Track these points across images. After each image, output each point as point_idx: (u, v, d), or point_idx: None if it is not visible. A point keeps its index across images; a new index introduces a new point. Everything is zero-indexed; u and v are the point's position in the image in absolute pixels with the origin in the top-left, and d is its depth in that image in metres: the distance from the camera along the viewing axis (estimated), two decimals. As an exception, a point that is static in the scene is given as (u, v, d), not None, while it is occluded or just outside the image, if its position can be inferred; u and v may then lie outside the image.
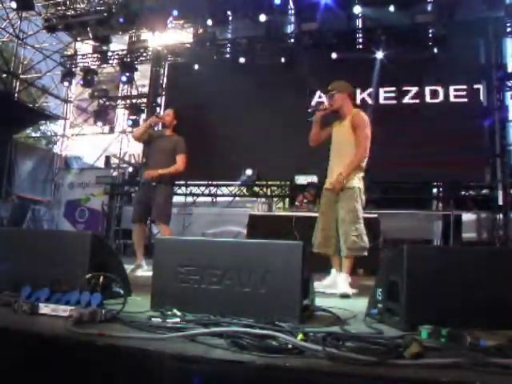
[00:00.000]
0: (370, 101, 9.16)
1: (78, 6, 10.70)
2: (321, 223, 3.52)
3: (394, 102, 9.20)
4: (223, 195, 10.34)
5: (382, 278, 2.14)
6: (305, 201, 7.15)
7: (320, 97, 9.18)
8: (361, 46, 9.75)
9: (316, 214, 6.01)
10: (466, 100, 8.68)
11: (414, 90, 9.04)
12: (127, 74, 11.36)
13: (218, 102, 10.04)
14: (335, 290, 3.23)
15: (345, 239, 3.27)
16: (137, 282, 2.74)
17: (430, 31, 9.12)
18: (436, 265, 1.92)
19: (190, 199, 10.57)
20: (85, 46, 12.64)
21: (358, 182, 3.38)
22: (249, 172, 9.45)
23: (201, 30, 10.70)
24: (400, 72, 8.91)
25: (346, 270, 3.33)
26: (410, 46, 8.98)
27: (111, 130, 13.24)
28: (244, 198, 10.43)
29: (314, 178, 8.56)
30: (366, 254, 3.36)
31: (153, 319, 1.74)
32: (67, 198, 11.35)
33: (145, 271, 4.18)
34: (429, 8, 9.29)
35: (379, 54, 9.02)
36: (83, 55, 12.14)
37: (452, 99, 8.78)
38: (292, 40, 10.17)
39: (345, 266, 3.34)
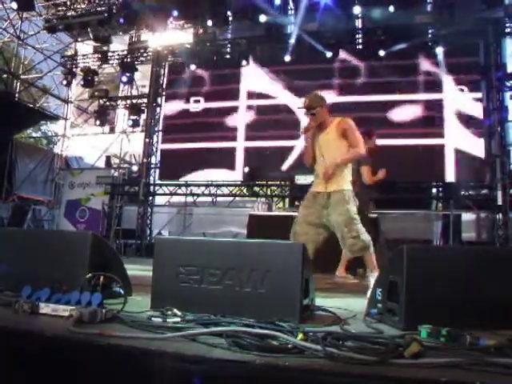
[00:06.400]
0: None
1: (79, 6, 10.70)
2: (301, 226, 3.39)
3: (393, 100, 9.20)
4: (223, 195, 10.34)
5: (382, 278, 2.15)
6: None
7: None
8: (361, 46, 9.76)
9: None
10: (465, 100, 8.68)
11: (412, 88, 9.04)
12: (127, 74, 11.37)
13: (217, 101, 10.09)
14: None
15: (342, 243, 3.25)
16: (137, 281, 2.74)
17: (430, 31, 9.11)
18: (436, 265, 1.92)
19: (190, 199, 10.57)
20: (85, 47, 12.65)
21: (347, 185, 3.36)
22: (246, 170, 9.49)
23: (201, 30, 10.71)
24: (400, 71, 8.94)
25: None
26: (409, 45, 8.98)
27: (111, 130, 13.25)
28: (244, 198, 10.43)
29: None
30: (371, 251, 3.33)
31: (153, 319, 1.74)
32: (68, 198, 11.36)
33: None
34: (429, 8, 9.29)
35: (380, 53, 9.03)
36: (83, 55, 12.15)
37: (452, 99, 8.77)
38: (292, 40, 10.17)
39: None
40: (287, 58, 9.67)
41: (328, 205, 3.27)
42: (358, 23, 9.98)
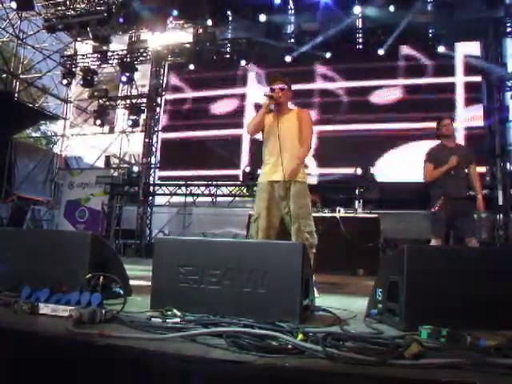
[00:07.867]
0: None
1: (78, 6, 10.68)
2: (265, 221, 3.25)
3: (393, 100, 9.20)
4: (223, 195, 10.33)
5: (382, 278, 2.14)
6: None
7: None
8: (361, 46, 9.76)
9: (317, 214, 5.98)
10: (465, 100, 8.69)
11: (412, 87, 9.03)
12: (127, 74, 11.36)
13: (217, 101, 10.11)
14: None
15: (297, 236, 3.13)
16: (136, 282, 2.73)
17: (430, 31, 9.11)
18: (436, 265, 1.92)
19: (190, 199, 10.57)
20: (85, 46, 12.64)
21: (306, 177, 3.31)
22: (247, 169, 9.48)
23: (201, 30, 10.71)
24: (399, 71, 8.96)
25: None
26: (409, 45, 8.98)
27: (111, 130, 13.24)
28: (244, 198, 10.43)
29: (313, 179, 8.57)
30: (314, 251, 3.20)
31: (153, 319, 1.74)
32: (67, 198, 11.35)
33: None
34: (429, 8, 9.29)
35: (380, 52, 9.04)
36: (83, 55, 12.14)
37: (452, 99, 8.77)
38: (292, 40, 10.17)
39: None
40: (288, 59, 9.67)
41: (287, 195, 3.17)
42: (358, 23, 9.97)
